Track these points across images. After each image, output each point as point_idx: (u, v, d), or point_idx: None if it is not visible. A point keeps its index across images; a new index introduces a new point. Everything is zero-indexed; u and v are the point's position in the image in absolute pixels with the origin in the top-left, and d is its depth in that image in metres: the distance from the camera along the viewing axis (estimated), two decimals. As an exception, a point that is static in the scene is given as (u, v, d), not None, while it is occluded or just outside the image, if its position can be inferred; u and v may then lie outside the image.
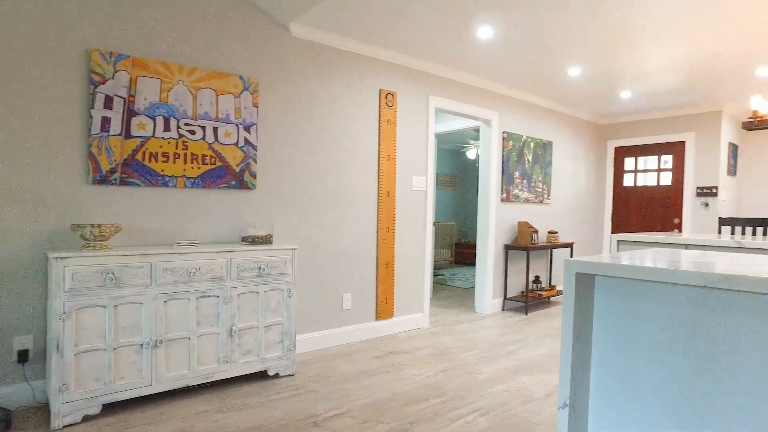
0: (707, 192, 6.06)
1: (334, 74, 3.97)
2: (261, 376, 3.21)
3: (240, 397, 2.84)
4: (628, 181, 6.87)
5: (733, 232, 4.27)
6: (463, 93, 5.07)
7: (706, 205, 6.07)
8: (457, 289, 6.94)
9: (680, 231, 6.26)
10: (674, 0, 3.22)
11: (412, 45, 4.15)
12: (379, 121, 4.31)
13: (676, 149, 6.36)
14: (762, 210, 6.55)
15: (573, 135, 6.64)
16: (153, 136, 3.02)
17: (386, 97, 4.35)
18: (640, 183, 6.74)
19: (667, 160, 6.45)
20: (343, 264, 4.06)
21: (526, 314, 5.33)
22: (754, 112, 3.61)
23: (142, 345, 2.62)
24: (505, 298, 5.56)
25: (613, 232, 6.97)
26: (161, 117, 3.05)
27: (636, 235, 3.71)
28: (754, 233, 4.32)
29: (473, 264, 9.83)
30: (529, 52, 4.30)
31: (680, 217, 6.29)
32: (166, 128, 3.07)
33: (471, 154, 8.41)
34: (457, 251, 10.14)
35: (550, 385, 3.13)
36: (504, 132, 5.56)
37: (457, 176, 10.66)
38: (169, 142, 3.08)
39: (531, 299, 5.51)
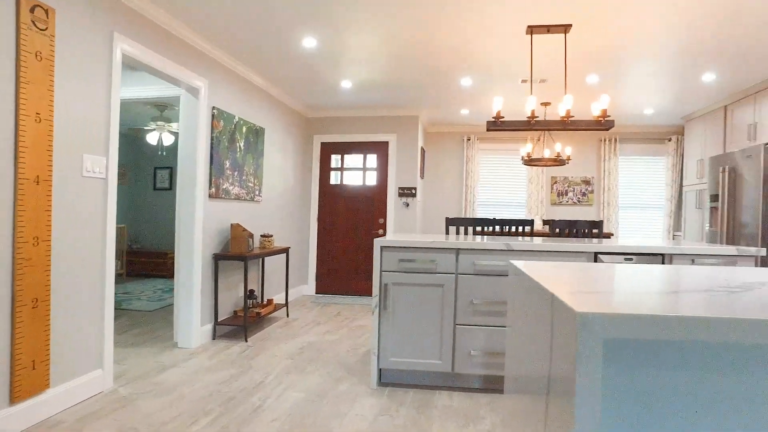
0: (408, 193, 6.26)
1: None
2: None
3: None
4: (334, 179, 6.55)
5: (458, 232, 4.29)
6: (164, 42, 3.57)
7: (407, 205, 6.27)
8: (139, 314, 5.17)
9: (385, 231, 6.29)
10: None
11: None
12: (18, 50, 2.45)
13: (381, 149, 6.38)
14: (440, 210, 7.28)
15: (285, 124, 5.86)
16: None
17: (33, 11, 2.53)
18: (346, 182, 6.51)
19: (372, 159, 6.41)
20: (-64, 311, 2.07)
21: (247, 340, 4.21)
22: (497, 112, 3.57)
23: None
24: (216, 323, 4.29)
25: (320, 233, 6.53)
26: None
27: (399, 239, 3.15)
28: (474, 232, 4.45)
29: (153, 276, 7.93)
30: (263, 6, 3.23)
31: (385, 217, 6.33)
32: None
33: (152, 139, 6.60)
34: (129, 260, 8.02)
35: (340, 460, 2.18)
36: (214, 108, 4.29)
37: (128, 167, 8.48)
38: None
39: (249, 320, 4.42)
